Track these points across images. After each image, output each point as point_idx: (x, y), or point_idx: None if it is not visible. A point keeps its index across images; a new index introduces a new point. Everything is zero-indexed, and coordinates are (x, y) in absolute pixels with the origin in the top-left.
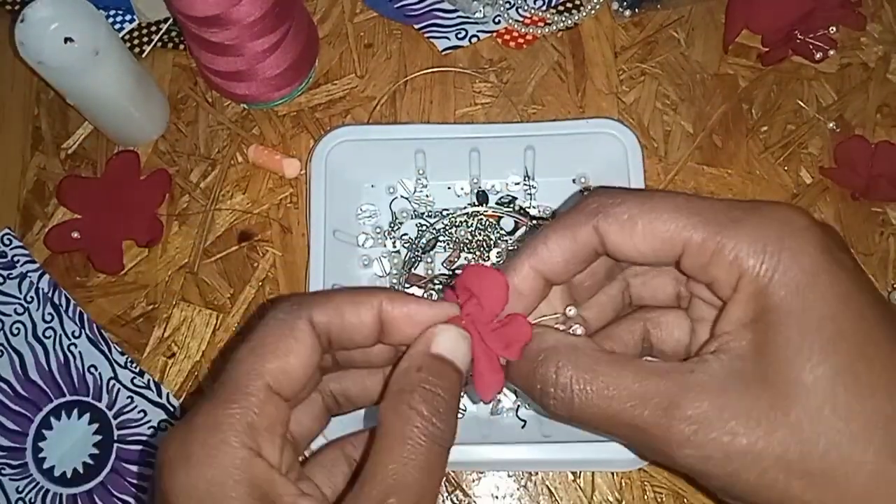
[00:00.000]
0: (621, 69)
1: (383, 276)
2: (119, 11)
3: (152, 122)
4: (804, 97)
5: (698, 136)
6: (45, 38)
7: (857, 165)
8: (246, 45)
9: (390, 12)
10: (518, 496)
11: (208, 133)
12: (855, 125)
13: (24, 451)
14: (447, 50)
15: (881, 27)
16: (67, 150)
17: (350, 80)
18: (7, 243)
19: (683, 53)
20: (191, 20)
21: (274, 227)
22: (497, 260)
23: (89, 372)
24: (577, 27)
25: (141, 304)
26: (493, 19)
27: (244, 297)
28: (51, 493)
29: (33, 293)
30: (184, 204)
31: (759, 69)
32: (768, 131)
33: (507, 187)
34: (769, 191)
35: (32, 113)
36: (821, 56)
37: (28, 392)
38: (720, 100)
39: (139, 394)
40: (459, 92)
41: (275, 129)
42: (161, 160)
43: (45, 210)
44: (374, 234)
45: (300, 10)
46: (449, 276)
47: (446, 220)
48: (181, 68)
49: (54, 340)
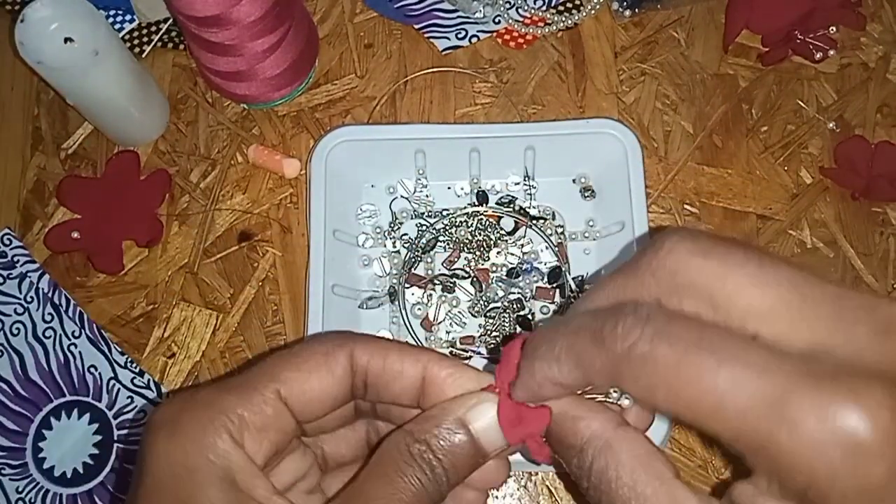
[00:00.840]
0: (621, 69)
1: (383, 276)
2: (119, 11)
3: (152, 122)
4: (804, 97)
5: (698, 136)
6: (45, 38)
7: (857, 165)
8: (246, 45)
9: (390, 12)
10: (518, 496)
11: (208, 133)
12: (855, 125)
13: (24, 451)
14: (447, 50)
15: (881, 27)
16: (67, 150)
17: (350, 80)
18: (7, 243)
19: (683, 53)
20: (191, 20)
21: (274, 227)
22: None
23: (89, 372)
24: (577, 27)
25: (141, 304)
26: (493, 19)
27: (244, 297)
28: (51, 493)
29: (33, 293)
30: (184, 204)
31: (759, 69)
32: (768, 131)
33: (507, 187)
34: (769, 191)
35: (32, 113)
36: (821, 56)
37: (28, 392)
38: (720, 100)
39: (139, 394)
40: (459, 92)
41: (275, 129)
42: (161, 160)
43: (45, 210)
44: (374, 234)
45: (300, 10)
46: (449, 276)
47: (446, 220)
48: (181, 68)
49: (54, 340)
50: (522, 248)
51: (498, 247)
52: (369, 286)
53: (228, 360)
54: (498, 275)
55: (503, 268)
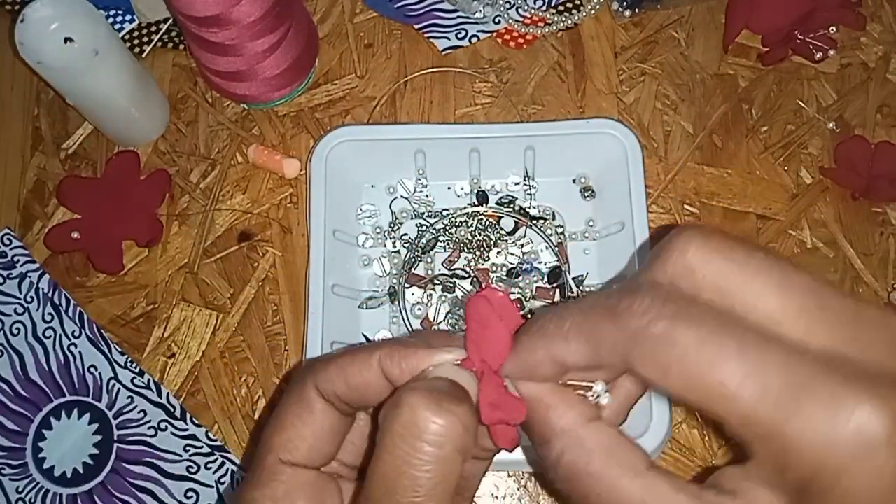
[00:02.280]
0: (621, 69)
1: (383, 276)
2: (119, 11)
3: (152, 122)
4: (804, 97)
5: (698, 136)
6: (45, 38)
7: (857, 165)
8: (246, 45)
9: (390, 12)
10: (518, 496)
11: (208, 133)
12: (855, 125)
13: (24, 451)
14: (447, 50)
15: (881, 27)
16: (67, 150)
17: (350, 80)
18: (7, 243)
19: (683, 53)
20: (191, 20)
21: (274, 227)
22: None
23: (89, 372)
24: (577, 27)
25: (141, 304)
26: (493, 19)
27: (244, 297)
28: (51, 493)
29: (33, 293)
30: (184, 204)
31: (759, 69)
32: (768, 131)
33: (507, 187)
34: (769, 191)
35: (32, 113)
36: (821, 56)
37: (28, 392)
38: (720, 100)
39: (139, 394)
40: (459, 92)
41: (275, 129)
42: (161, 160)
43: (45, 210)
44: (374, 234)
45: (300, 10)
46: (449, 276)
47: (446, 220)
48: (181, 68)
49: (54, 340)
50: (522, 248)
51: (498, 247)
52: (369, 286)
53: (228, 360)
54: (498, 275)
55: (503, 268)
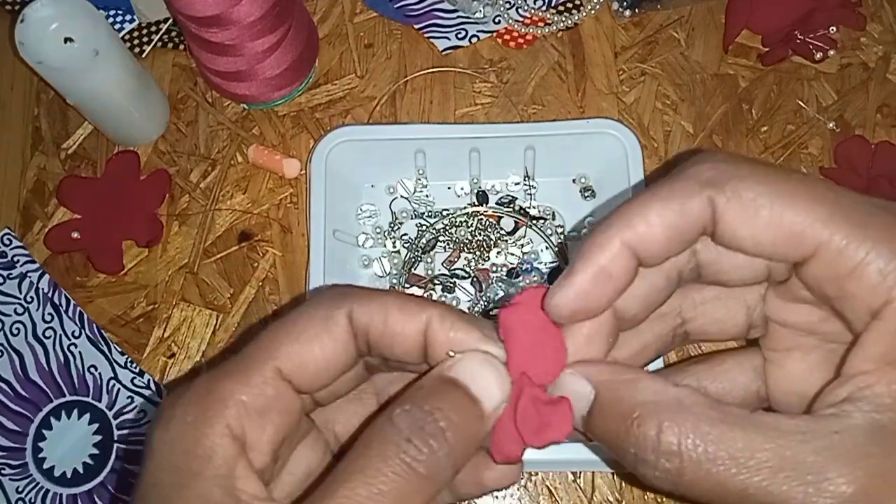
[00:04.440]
0: (621, 69)
1: (383, 276)
2: (119, 11)
3: (152, 122)
4: (804, 97)
5: (698, 136)
6: (45, 38)
7: (857, 165)
8: (246, 45)
9: (390, 12)
10: (518, 496)
11: (208, 133)
12: (855, 125)
13: (24, 451)
14: (447, 50)
15: (881, 27)
16: (67, 150)
17: (350, 80)
18: (7, 243)
19: (683, 53)
20: (191, 20)
21: (274, 227)
22: (497, 258)
23: (89, 372)
24: (577, 27)
25: (141, 304)
26: (493, 19)
27: (244, 298)
28: (51, 493)
29: (33, 293)
30: (184, 204)
31: (759, 69)
32: (768, 131)
33: (507, 187)
34: None
35: (32, 113)
36: (821, 56)
37: (28, 392)
38: (720, 100)
39: (139, 394)
40: (459, 92)
41: (275, 129)
42: (161, 160)
43: (45, 210)
44: (374, 234)
45: (300, 10)
46: (449, 277)
47: (446, 220)
48: (181, 68)
49: (54, 340)
50: (522, 248)
51: (498, 247)
52: (369, 286)
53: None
54: (498, 275)
55: (503, 268)
